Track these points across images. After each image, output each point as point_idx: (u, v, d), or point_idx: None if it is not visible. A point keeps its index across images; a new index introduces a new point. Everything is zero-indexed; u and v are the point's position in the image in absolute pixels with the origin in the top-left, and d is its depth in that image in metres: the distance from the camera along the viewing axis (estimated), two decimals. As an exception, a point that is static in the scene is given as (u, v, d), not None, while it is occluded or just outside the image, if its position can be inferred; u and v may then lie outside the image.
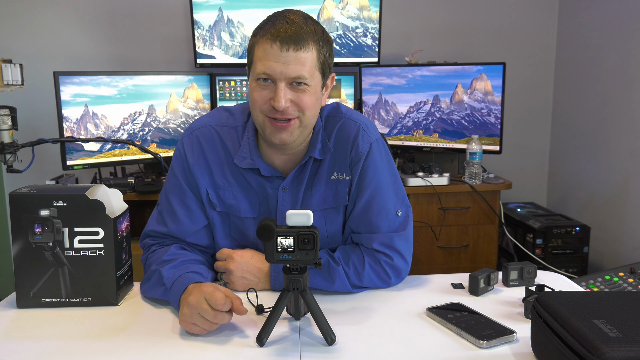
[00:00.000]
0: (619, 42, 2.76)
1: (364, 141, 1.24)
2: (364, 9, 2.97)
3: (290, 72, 1.10)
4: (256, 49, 1.13)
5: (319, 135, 1.23)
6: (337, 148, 1.24)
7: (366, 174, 1.24)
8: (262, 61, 1.10)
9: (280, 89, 1.11)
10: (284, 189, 1.24)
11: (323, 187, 1.25)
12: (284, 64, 1.09)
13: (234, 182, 1.25)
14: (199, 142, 1.25)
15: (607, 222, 2.87)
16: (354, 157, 1.23)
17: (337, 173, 1.24)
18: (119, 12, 3.09)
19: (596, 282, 2.13)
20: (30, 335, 1.05)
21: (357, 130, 1.24)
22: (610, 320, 0.84)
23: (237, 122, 1.27)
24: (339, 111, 1.27)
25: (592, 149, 2.99)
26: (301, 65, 1.10)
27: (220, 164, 1.25)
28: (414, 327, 1.07)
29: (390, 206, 1.25)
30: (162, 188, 1.31)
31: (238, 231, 1.28)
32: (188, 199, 1.25)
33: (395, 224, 1.25)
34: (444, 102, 2.84)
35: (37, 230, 1.13)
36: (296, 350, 0.99)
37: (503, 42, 3.27)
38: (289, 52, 1.09)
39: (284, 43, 1.08)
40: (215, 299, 1.01)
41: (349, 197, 1.25)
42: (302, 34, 1.09)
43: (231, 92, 2.90)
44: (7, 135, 2.37)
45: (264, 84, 1.12)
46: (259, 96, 1.13)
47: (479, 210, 2.73)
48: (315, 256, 0.97)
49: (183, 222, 1.25)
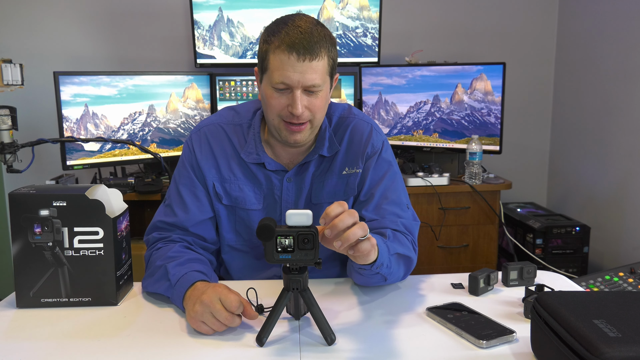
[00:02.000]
0: (619, 42, 2.76)
1: (378, 139, 1.34)
2: (364, 9, 2.97)
3: (306, 80, 1.17)
4: (271, 57, 1.18)
5: (326, 133, 1.31)
6: (350, 145, 1.33)
7: (382, 167, 1.33)
8: (280, 71, 1.16)
9: (297, 96, 1.17)
10: (288, 180, 1.32)
11: (335, 180, 1.32)
12: (300, 73, 1.16)
13: (240, 175, 1.32)
14: (207, 138, 1.33)
15: (607, 222, 2.87)
16: (370, 152, 1.32)
17: (349, 168, 1.32)
18: (118, 12, 3.09)
19: (596, 282, 2.13)
20: (30, 335, 1.05)
21: (370, 129, 1.34)
22: (610, 320, 0.84)
23: (243, 120, 1.34)
24: (351, 113, 1.37)
25: (592, 149, 2.99)
26: (316, 73, 1.17)
27: (226, 158, 1.32)
28: (413, 327, 1.07)
29: (403, 198, 1.33)
30: (171, 183, 1.37)
31: (243, 224, 1.34)
32: (197, 190, 1.32)
33: (409, 215, 1.32)
34: (444, 102, 2.84)
35: (37, 230, 1.13)
36: (296, 350, 0.99)
37: (503, 42, 3.27)
38: (305, 63, 1.15)
39: (300, 54, 1.14)
40: (230, 301, 1.02)
41: (364, 187, 1.31)
42: (315, 43, 1.15)
43: (231, 92, 2.90)
44: (7, 135, 2.37)
45: (281, 92, 1.19)
46: (277, 103, 1.20)
47: (479, 210, 2.73)
48: (315, 256, 0.97)
49: (192, 210, 1.30)
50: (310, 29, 1.16)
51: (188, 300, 1.08)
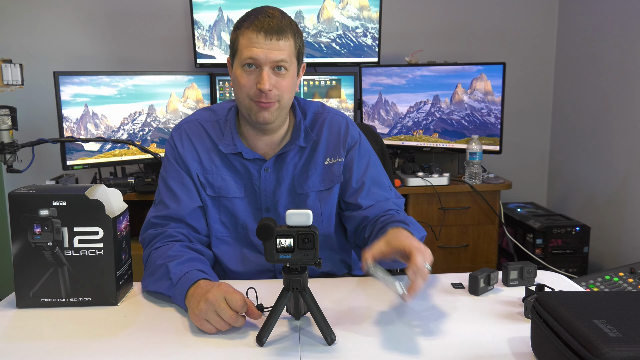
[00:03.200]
0: (619, 42, 2.76)
1: (354, 130, 1.45)
2: (364, 9, 2.97)
3: (274, 56, 1.24)
4: (240, 39, 1.26)
5: (301, 125, 1.38)
6: (329, 137, 1.41)
7: (364, 156, 1.43)
8: (248, 48, 1.24)
9: (266, 72, 1.24)
10: (265, 170, 1.37)
11: (319, 171, 1.39)
12: (268, 49, 1.23)
13: (221, 165, 1.37)
14: (187, 133, 1.39)
15: (607, 222, 2.87)
16: (351, 142, 1.42)
17: (330, 158, 1.40)
18: (119, 12, 3.09)
19: (596, 282, 2.13)
20: (30, 335, 1.05)
21: (345, 122, 1.44)
22: (610, 320, 0.84)
23: (219, 117, 1.40)
24: (325, 109, 1.45)
25: (592, 149, 2.99)
26: (282, 51, 1.25)
27: (207, 151, 1.37)
28: (414, 327, 1.07)
29: (386, 181, 1.46)
30: (159, 183, 1.40)
31: (228, 214, 1.38)
32: (185, 180, 1.36)
33: (394, 194, 1.46)
34: (444, 102, 2.84)
35: (37, 230, 1.12)
36: (296, 350, 0.99)
37: (503, 42, 3.27)
38: (272, 41, 1.23)
39: (268, 33, 1.23)
40: (235, 300, 1.02)
41: (352, 175, 1.40)
42: (282, 26, 1.25)
43: (231, 92, 2.90)
44: (7, 135, 2.37)
45: (250, 70, 1.26)
46: (246, 81, 1.26)
47: (479, 210, 2.73)
48: (315, 256, 0.97)
49: (183, 200, 1.34)
50: (278, 15, 1.26)
51: (191, 298, 1.08)
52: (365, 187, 1.40)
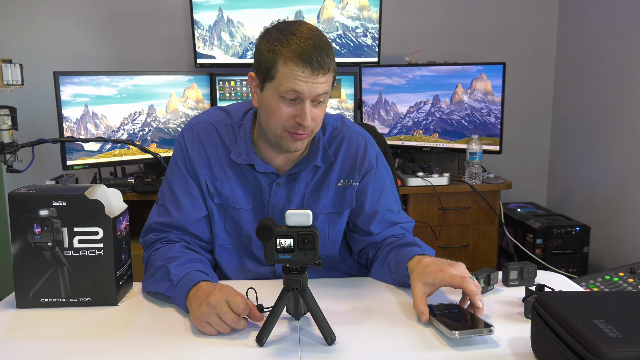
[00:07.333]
0: (619, 42, 2.76)
1: (372, 153, 1.37)
2: (364, 9, 2.97)
3: (318, 91, 1.18)
4: (281, 67, 1.16)
5: (319, 143, 1.31)
6: (346, 158, 1.35)
7: (379, 181, 1.38)
8: (292, 80, 1.15)
9: (308, 108, 1.18)
10: (277, 185, 1.32)
11: (331, 192, 1.34)
12: (314, 85, 1.16)
13: (231, 174, 1.32)
14: (199, 136, 1.32)
15: (607, 222, 2.87)
16: (367, 167, 1.35)
17: (344, 180, 1.35)
18: (118, 12, 3.09)
19: (596, 282, 2.13)
20: (29, 335, 1.05)
21: (364, 143, 1.36)
22: (610, 321, 0.84)
23: (234, 120, 1.33)
24: (345, 124, 1.38)
25: (592, 149, 2.99)
26: (325, 84, 1.19)
27: (218, 157, 1.31)
28: (414, 327, 1.07)
29: (394, 205, 1.41)
30: (163, 182, 1.35)
31: (233, 223, 1.34)
32: (191, 188, 1.31)
33: (404, 217, 1.42)
34: (444, 102, 2.84)
35: (37, 230, 1.12)
36: (296, 350, 0.99)
37: (503, 42, 3.27)
38: (319, 77, 1.16)
39: (315, 69, 1.15)
40: (237, 303, 1.02)
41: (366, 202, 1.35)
42: (326, 57, 1.17)
43: (231, 92, 2.90)
44: (7, 135, 2.37)
45: (290, 102, 1.18)
46: (283, 113, 1.19)
47: (479, 210, 2.73)
48: (315, 256, 0.97)
49: (187, 209, 1.30)
50: (319, 43, 1.16)
51: (192, 300, 1.08)
52: (379, 215, 1.36)
